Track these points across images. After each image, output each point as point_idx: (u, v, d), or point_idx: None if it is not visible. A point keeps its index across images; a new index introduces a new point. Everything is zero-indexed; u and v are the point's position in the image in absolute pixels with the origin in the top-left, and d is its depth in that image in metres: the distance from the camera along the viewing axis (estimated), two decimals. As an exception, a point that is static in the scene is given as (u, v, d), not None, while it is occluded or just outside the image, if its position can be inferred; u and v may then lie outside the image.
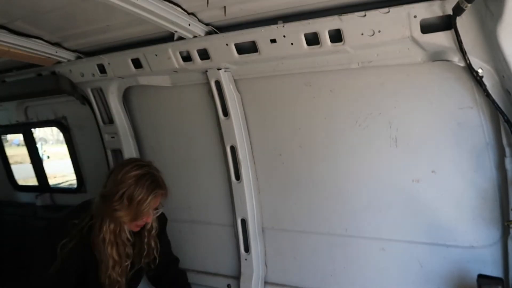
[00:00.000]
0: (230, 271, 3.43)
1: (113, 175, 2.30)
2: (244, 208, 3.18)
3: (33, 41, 2.93)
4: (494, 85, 2.12)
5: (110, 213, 2.23)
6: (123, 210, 2.20)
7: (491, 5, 1.81)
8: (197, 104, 3.26)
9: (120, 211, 2.21)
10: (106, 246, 2.24)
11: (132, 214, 2.23)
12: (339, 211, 2.90)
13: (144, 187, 2.23)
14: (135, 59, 3.01)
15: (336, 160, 2.84)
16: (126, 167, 2.29)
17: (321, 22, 2.29)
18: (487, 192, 2.41)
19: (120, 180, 2.23)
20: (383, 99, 2.58)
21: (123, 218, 2.24)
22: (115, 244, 2.28)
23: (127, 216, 2.23)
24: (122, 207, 2.20)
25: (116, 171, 2.31)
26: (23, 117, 4.45)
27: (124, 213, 2.21)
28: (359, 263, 2.89)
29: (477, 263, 2.46)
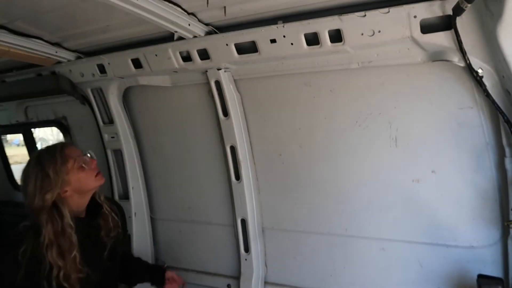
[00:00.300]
0: (230, 271, 3.43)
1: (22, 175, 2.21)
2: (244, 208, 3.18)
3: (33, 41, 2.93)
4: (494, 85, 2.12)
5: (41, 206, 2.11)
6: (49, 187, 2.09)
7: (491, 5, 1.81)
8: (197, 104, 3.26)
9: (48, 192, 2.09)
10: (46, 250, 2.08)
11: (60, 181, 2.11)
12: (339, 211, 2.90)
13: (44, 156, 2.16)
14: (135, 59, 3.01)
15: (336, 160, 2.84)
16: (26, 166, 2.23)
17: (321, 22, 2.29)
18: (487, 192, 2.41)
19: (27, 171, 2.17)
20: (383, 99, 2.58)
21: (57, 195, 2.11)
22: (55, 243, 2.10)
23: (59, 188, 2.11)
24: (46, 186, 2.09)
25: (22, 172, 2.22)
26: (23, 117, 4.45)
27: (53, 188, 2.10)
28: (359, 263, 2.89)
29: (477, 263, 2.46)
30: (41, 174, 2.12)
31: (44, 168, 2.13)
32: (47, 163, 2.14)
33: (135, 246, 3.64)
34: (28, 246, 2.09)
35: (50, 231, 2.10)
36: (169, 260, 3.80)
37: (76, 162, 2.20)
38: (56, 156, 2.16)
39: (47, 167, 2.12)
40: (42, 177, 2.12)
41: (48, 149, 2.22)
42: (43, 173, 2.12)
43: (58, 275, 2.09)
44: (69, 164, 2.18)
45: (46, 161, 2.15)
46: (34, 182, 2.12)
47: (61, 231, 2.13)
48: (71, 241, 2.15)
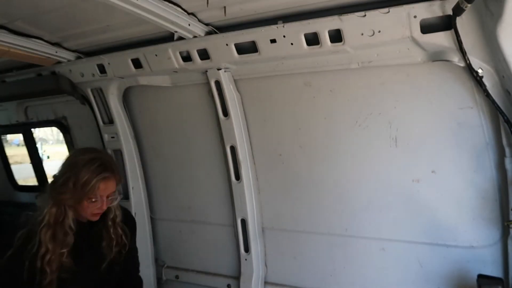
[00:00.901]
0: (230, 271, 3.43)
1: (65, 161, 2.28)
2: (244, 208, 3.18)
3: (33, 41, 2.93)
4: (494, 85, 2.12)
5: (55, 196, 2.19)
6: (67, 193, 2.16)
7: (491, 5, 1.81)
8: (197, 104, 3.26)
9: (64, 194, 2.16)
10: (40, 228, 2.16)
11: (76, 197, 2.17)
12: (339, 211, 2.90)
13: (89, 170, 2.17)
14: (135, 59, 3.01)
15: (336, 160, 2.84)
16: (77, 152, 2.32)
17: (321, 22, 2.29)
18: (487, 192, 2.41)
19: (69, 164, 2.23)
20: (383, 99, 2.58)
21: (67, 201, 2.18)
22: (52, 228, 2.17)
23: (71, 199, 2.17)
24: (66, 190, 2.16)
25: (68, 157, 2.30)
26: (23, 117, 4.45)
27: (68, 196, 2.16)
28: (359, 263, 2.89)
29: (477, 263, 2.46)
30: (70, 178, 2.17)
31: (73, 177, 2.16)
32: (85, 173, 2.16)
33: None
34: (25, 229, 2.18)
35: (51, 214, 2.18)
36: (169, 260, 3.80)
37: (99, 194, 2.21)
38: (95, 179, 2.17)
39: (82, 176, 2.15)
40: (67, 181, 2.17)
41: (102, 164, 2.21)
42: (77, 176, 2.16)
43: (44, 256, 2.12)
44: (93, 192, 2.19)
45: (79, 174, 2.16)
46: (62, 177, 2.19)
47: (61, 222, 2.19)
48: (66, 238, 2.20)
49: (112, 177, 2.24)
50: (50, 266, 2.14)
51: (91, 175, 2.16)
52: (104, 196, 2.22)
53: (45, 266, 2.13)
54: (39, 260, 2.12)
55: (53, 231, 2.17)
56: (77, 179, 2.15)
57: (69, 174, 2.17)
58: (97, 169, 2.19)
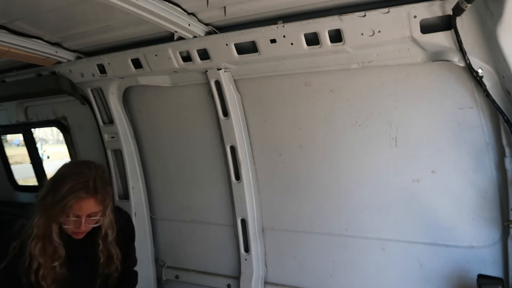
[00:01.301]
0: (230, 271, 3.43)
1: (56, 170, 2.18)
2: (244, 208, 3.18)
3: (33, 41, 2.93)
4: (494, 85, 2.12)
5: (38, 209, 2.11)
6: (45, 207, 2.06)
7: (491, 5, 1.81)
8: (197, 104, 3.26)
9: (42, 208, 2.07)
10: (30, 242, 2.06)
11: (51, 213, 2.05)
12: (339, 211, 2.90)
13: (68, 186, 2.03)
14: (135, 59, 3.01)
15: (336, 160, 2.84)
16: (66, 165, 2.20)
17: (321, 22, 2.29)
18: (487, 192, 2.41)
19: (54, 177, 2.13)
20: (383, 99, 2.58)
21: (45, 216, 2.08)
22: (41, 240, 2.08)
23: (46, 214, 2.07)
24: (44, 204, 2.06)
25: (60, 167, 2.19)
26: (23, 117, 4.45)
27: (44, 210, 2.07)
28: (359, 263, 2.89)
29: (477, 263, 2.46)
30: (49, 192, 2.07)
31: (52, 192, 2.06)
32: (56, 192, 2.05)
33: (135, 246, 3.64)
34: (18, 241, 2.10)
35: (39, 227, 2.09)
36: (169, 260, 3.80)
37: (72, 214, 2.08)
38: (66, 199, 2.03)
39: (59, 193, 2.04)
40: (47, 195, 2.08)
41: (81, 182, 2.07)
42: (49, 193, 2.07)
43: (37, 271, 2.06)
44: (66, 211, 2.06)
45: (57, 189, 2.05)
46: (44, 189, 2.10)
47: (48, 235, 2.10)
48: (57, 251, 2.12)
49: (91, 197, 2.07)
50: (45, 280, 2.08)
51: (67, 192, 2.02)
52: (82, 216, 2.07)
53: (40, 280, 2.07)
54: (33, 274, 2.06)
55: (42, 244, 2.08)
56: (55, 194, 2.03)
57: (50, 188, 2.07)
58: (75, 186, 2.04)
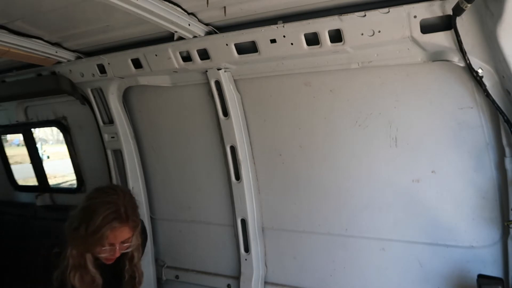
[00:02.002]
0: (230, 271, 3.43)
1: (82, 202, 2.21)
2: (244, 208, 3.18)
3: (33, 41, 2.93)
4: (494, 85, 2.12)
5: (70, 240, 2.16)
6: (79, 239, 2.10)
7: (491, 5, 1.81)
8: (197, 104, 3.26)
9: (76, 240, 2.11)
10: (68, 273, 2.13)
11: (86, 244, 2.11)
12: (339, 211, 2.90)
13: (101, 217, 2.08)
14: (135, 59, 3.01)
15: (336, 160, 2.84)
16: (93, 194, 2.22)
17: (321, 22, 2.29)
18: (487, 192, 2.41)
19: (83, 208, 2.16)
20: (383, 99, 2.59)
21: (79, 247, 2.14)
22: (78, 271, 2.15)
23: (81, 246, 2.12)
24: (78, 236, 2.09)
25: (85, 199, 2.22)
26: (23, 117, 4.45)
27: (79, 242, 2.11)
28: (359, 263, 2.89)
29: (477, 263, 2.46)
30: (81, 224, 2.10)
31: (84, 224, 2.09)
32: (89, 223, 2.08)
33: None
34: (59, 271, 2.15)
35: (73, 257, 2.16)
36: (169, 260, 3.80)
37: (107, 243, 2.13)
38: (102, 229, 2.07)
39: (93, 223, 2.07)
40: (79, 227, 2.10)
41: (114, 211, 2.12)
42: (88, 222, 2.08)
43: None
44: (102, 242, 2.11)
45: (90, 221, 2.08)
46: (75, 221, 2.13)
47: (84, 265, 2.18)
48: (95, 280, 2.21)
49: (124, 225, 2.14)
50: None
51: (101, 223, 2.07)
52: (116, 244, 2.14)
53: None
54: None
55: (80, 274, 2.16)
56: (88, 226, 2.07)
57: (82, 219, 2.10)
58: (108, 216, 2.09)
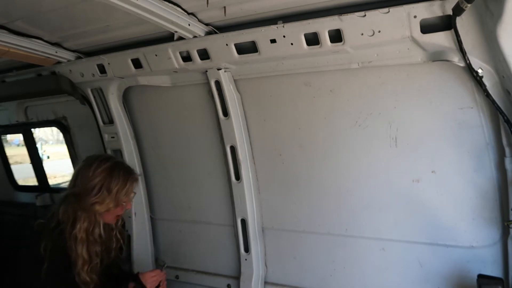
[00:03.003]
0: (230, 271, 3.43)
1: (81, 174, 2.40)
2: (244, 208, 3.18)
3: (33, 41, 2.93)
4: (494, 85, 2.12)
5: (87, 209, 2.32)
6: (105, 201, 2.33)
7: (491, 5, 1.81)
8: (197, 104, 3.26)
9: (101, 203, 2.33)
10: (77, 245, 2.28)
11: (113, 202, 2.37)
12: (339, 211, 2.90)
13: (119, 176, 2.40)
14: (135, 59, 3.01)
15: (336, 160, 2.84)
16: (93, 164, 2.41)
17: (321, 22, 2.29)
18: (487, 192, 2.41)
19: (92, 176, 2.36)
20: (383, 99, 2.58)
21: (104, 209, 2.35)
22: (86, 242, 2.31)
23: (109, 205, 2.36)
24: (103, 199, 2.33)
25: (83, 170, 2.41)
26: (23, 117, 4.45)
27: (105, 204, 2.34)
28: (359, 263, 2.89)
29: (477, 263, 2.46)
30: (106, 183, 2.35)
31: (111, 181, 2.37)
32: (117, 179, 2.39)
33: (135, 246, 3.64)
34: (48, 241, 2.26)
35: (83, 228, 2.31)
36: (169, 260, 3.79)
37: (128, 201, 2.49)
38: (127, 182, 2.44)
39: (115, 182, 2.38)
40: (107, 187, 2.35)
41: (125, 169, 2.50)
42: (108, 184, 2.35)
43: (83, 268, 2.28)
44: (126, 195, 2.46)
45: (117, 176, 2.39)
46: (97, 182, 2.35)
47: (92, 233, 2.34)
48: (98, 248, 2.40)
49: (137, 178, 2.53)
50: (89, 275, 2.31)
51: (123, 181, 2.40)
52: (133, 194, 2.51)
53: (86, 276, 2.29)
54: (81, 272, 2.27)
55: (87, 246, 2.32)
56: (109, 188, 2.34)
57: (100, 185, 2.33)
58: (124, 174, 2.43)
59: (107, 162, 2.44)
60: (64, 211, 2.33)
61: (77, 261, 2.27)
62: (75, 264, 2.27)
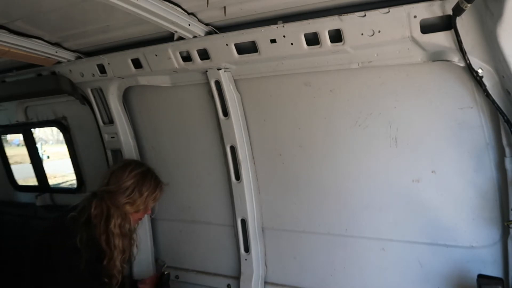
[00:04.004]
0: (230, 271, 3.43)
1: (116, 174, 2.60)
2: (244, 208, 3.18)
3: (33, 41, 2.93)
4: (494, 85, 2.12)
5: (120, 207, 2.51)
6: (136, 202, 2.54)
7: (491, 5, 1.81)
8: (197, 104, 3.26)
9: (132, 204, 2.53)
10: (114, 239, 2.47)
11: (142, 206, 2.58)
12: (339, 211, 2.90)
13: (151, 181, 2.63)
14: (135, 59, 3.01)
15: (336, 160, 2.84)
16: (128, 167, 2.63)
17: (321, 22, 2.29)
18: (487, 192, 2.41)
19: (127, 177, 2.56)
20: (383, 99, 2.58)
21: (133, 209, 2.55)
22: (121, 236, 2.51)
23: (139, 207, 2.57)
24: (134, 200, 2.54)
25: (118, 171, 2.61)
26: (23, 117, 4.45)
27: (136, 205, 2.55)
28: (359, 263, 2.89)
29: (477, 263, 2.46)
30: (139, 186, 2.57)
31: (143, 185, 2.60)
32: (148, 184, 2.62)
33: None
34: (82, 234, 2.37)
35: (121, 226, 2.50)
36: (169, 260, 3.79)
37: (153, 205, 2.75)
38: (157, 189, 2.69)
39: (146, 187, 2.61)
40: (139, 189, 2.57)
41: (156, 176, 2.74)
42: (140, 187, 2.57)
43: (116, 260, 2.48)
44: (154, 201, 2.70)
45: (149, 182, 2.63)
46: (131, 184, 2.56)
47: (123, 227, 2.54)
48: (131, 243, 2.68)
49: (164, 186, 2.76)
50: (122, 266, 2.55)
51: (153, 187, 2.64)
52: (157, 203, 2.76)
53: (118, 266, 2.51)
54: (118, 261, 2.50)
55: (122, 240, 2.53)
56: (141, 191, 2.56)
57: (133, 187, 2.55)
58: (155, 180, 2.67)
59: (141, 167, 2.67)
60: (96, 206, 2.48)
61: (113, 251, 2.47)
62: (111, 254, 2.46)
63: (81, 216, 2.45)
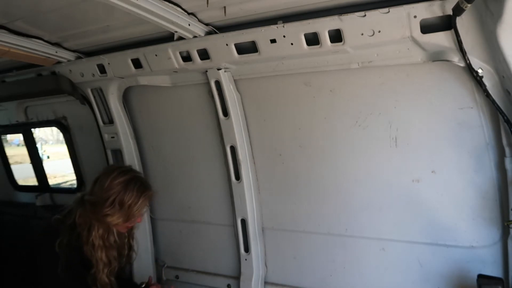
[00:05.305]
0: (230, 271, 3.43)
1: (99, 182, 2.44)
2: (244, 208, 3.18)
3: (33, 41, 2.93)
4: (494, 85, 2.12)
5: (100, 219, 2.37)
6: (115, 214, 2.37)
7: (491, 5, 1.81)
8: (197, 104, 3.26)
9: (112, 216, 2.37)
10: (96, 251, 2.36)
11: (124, 217, 2.40)
12: (339, 211, 2.90)
13: (133, 191, 2.41)
14: (135, 59, 3.01)
15: (336, 160, 2.84)
16: (111, 174, 2.44)
17: (321, 22, 2.29)
18: (487, 192, 2.41)
19: (108, 187, 2.39)
20: (383, 99, 2.58)
21: (114, 221, 2.39)
22: (104, 248, 2.40)
23: (119, 219, 2.39)
24: (114, 212, 2.36)
25: (102, 179, 2.44)
26: (23, 117, 4.45)
27: (116, 217, 2.37)
28: (359, 263, 2.89)
29: (477, 263, 2.46)
30: (120, 196, 2.38)
31: (125, 195, 2.39)
32: (130, 194, 2.40)
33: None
34: (63, 237, 2.30)
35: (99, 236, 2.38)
36: (169, 260, 3.80)
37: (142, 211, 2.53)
38: (141, 198, 2.44)
39: (128, 197, 2.39)
40: (119, 200, 2.38)
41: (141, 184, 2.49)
42: (121, 197, 2.38)
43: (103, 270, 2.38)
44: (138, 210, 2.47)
45: (131, 192, 2.41)
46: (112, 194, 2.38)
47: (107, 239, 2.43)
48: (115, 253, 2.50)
49: (151, 194, 2.54)
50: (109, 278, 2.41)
51: (136, 196, 2.41)
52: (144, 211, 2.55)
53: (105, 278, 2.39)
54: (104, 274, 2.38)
55: (106, 252, 2.41)
56: (122, 201, 2.37)
57: (114, 197, 2.37)
58: (139, 189, 2.44)
59: (125, 175, 2.46)
60: (80, 215, 2.39)
61: (97, 264, 2.36)
62: (97, 266, 2.36)
63: (67, 219, 2.40)
